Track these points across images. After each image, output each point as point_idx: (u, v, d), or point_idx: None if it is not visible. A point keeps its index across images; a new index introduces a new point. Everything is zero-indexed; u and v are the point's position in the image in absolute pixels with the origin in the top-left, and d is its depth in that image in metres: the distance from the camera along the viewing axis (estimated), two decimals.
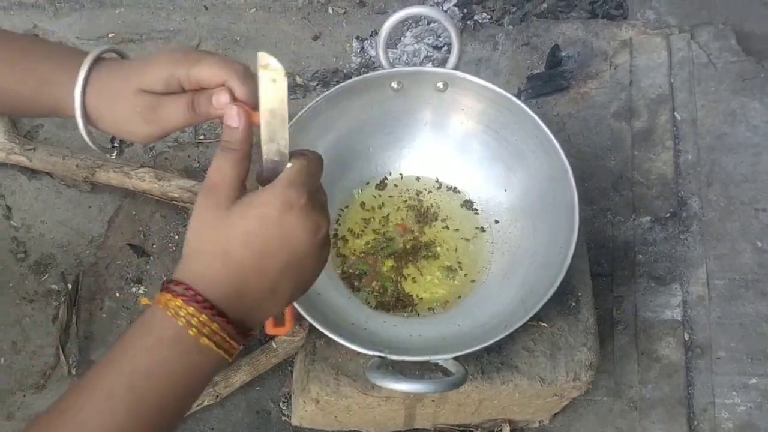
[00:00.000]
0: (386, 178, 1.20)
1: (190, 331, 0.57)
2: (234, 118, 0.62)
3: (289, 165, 0.61)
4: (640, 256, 1.36)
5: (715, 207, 1.38)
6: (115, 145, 0.77)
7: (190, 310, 0.57)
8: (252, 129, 0.63)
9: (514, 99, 1.08)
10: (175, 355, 0.57)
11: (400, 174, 1.20)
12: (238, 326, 0.59)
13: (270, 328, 0.73)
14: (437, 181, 1.19)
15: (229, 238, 0.59)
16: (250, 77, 0.65)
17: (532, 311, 0.95)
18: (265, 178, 0.62)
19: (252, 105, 0.63)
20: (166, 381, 0.57)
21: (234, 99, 0.64)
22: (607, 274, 1.35)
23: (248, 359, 1.27)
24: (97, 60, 0.69)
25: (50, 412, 0.56)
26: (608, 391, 1.27)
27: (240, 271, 0.59)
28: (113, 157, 0.77)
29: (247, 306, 0.60)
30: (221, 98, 0.64)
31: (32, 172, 1.48)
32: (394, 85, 1.13)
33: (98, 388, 0.56)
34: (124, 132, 0.71)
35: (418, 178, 1.20)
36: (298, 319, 1.29)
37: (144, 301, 0.64)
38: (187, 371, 0.58)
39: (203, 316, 0.57)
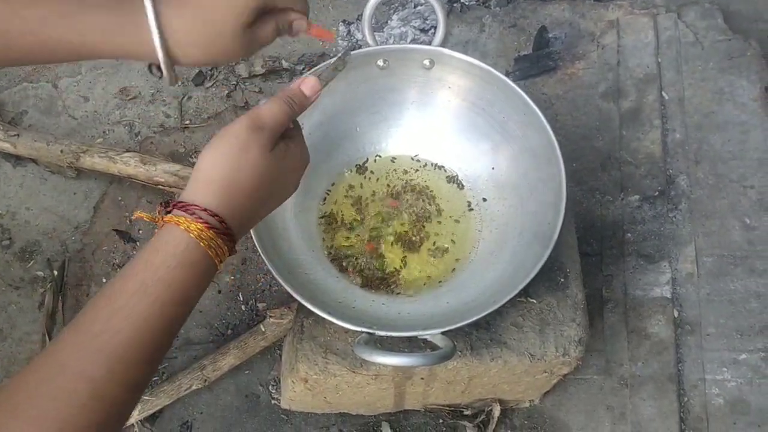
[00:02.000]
0: (371, 158, 1.19)
1: (209, 251, 0.63)
2: (311, 88, 0.74)
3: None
4: (629, 234, 1.36)
5: (703, 185, 1.38)
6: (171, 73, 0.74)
7: (211, 234, 0.62)
8: None
9: (501, 76, 1.08)
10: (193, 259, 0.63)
11: (387, 153, 1.19)
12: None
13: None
14: (424, 159, 1.19)
15: (265, 179, 0.66)
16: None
17: (520, 285, 0.94)
18: None
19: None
20: (186, 274, 0.62)
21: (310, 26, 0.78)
22: (596, 253, 1.35)
23: (236, 342, 1.27)
24: None
25: (83, 309, 0.60)
26: (598, 369, 1.27)
27: (259, 208, 0.68)
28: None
29: (245, 228, 0.68)
30: (302, 25, 0.78)
31: (17, 159, 1.47)
32: (380, 63, 1.12)
33: (132, 282, 0.60)
34: (213, 62, 0.74)
35: (404, 157, 1.19)
36: (287, 300, 1.28)
37: (140, 214, 0.67)
38: (195, 272, 0.63)
39: (218, 238, 0.63)
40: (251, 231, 0.97)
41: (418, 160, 1.19)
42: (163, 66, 0.69)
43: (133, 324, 0.58)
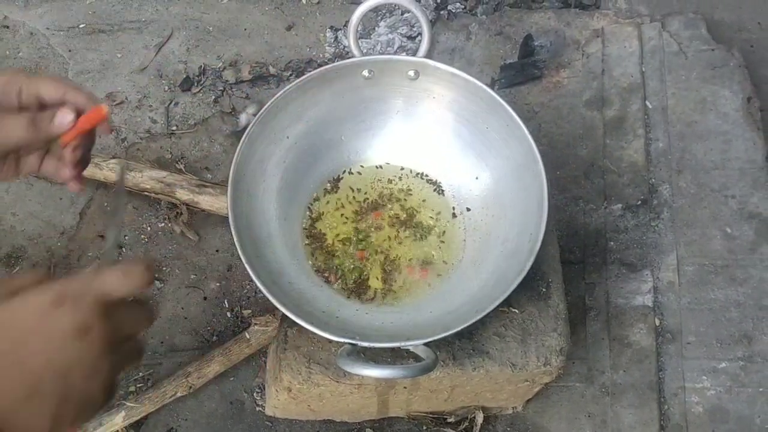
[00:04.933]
0: (355, 167, 1.19)
1: None
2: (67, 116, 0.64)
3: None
4: (612, 243, 1.37)
5: (685, 194, 1.40)
6: None
7: None
8: None
9: (485, 87, 1.08)
10: None
11: (372, 162, 1.20)
12: None
13: None
14: (409, 169, 1.19)
15: None
16: (93, 96, 0.66)
17: (502, 295, 0.95)
18: None
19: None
20: None
21: (79, 116, 0.64)
22: (579, 261, 1.36)
23: (221, 350, 1.27)
24: None
25: None
26: (580, 376, 1.29)
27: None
28: None
29: (2, 406, 0.51)
30: (66, 116, 0.63)
31: None
32: (366, 73, 1.13)
33: None
34: None
35: (388, 167, 1.20)
36: (272, 307, 1.29)
37: None
38: None
39: None
40: (234, 238, 0.97)
41: (403, 169, 1.19)
42: None
43: None
